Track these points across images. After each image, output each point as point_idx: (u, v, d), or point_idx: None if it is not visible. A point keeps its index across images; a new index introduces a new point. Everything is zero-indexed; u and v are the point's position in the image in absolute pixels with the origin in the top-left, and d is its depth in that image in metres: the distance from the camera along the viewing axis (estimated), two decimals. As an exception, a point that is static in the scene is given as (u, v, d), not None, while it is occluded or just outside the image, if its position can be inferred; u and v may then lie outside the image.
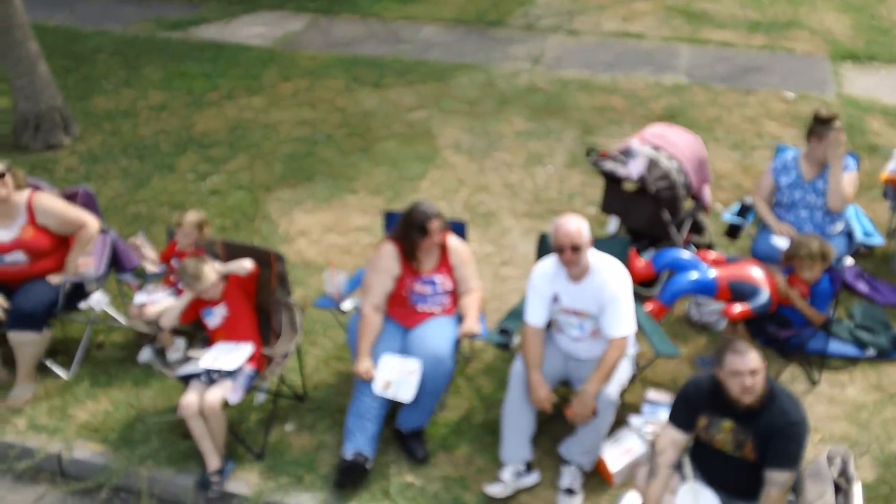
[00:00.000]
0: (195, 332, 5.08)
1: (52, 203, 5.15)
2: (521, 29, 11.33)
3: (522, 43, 10.84)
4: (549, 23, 11.48)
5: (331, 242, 6.63)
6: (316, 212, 7.06)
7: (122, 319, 5.66)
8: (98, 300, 5.38)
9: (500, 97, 9.16)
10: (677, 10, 11.36)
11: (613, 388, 4.27)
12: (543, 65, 10.11)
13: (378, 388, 4.37)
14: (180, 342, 5.19)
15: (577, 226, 4.22)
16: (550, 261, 4.46)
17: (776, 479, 3.54)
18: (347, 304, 5.01)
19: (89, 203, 5.45)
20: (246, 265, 4.68)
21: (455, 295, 4.81)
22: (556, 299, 4.41)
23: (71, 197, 5.42)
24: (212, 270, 4.65)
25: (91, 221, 5.18)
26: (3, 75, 9.50)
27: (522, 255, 6.42)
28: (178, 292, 5.33)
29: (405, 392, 4.36)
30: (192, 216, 5.31)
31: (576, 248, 4.20)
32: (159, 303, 5.19)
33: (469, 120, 8.63)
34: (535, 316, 4.45)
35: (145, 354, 5.41)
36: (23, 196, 5.09)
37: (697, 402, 3.75)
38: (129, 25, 11.67)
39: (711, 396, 3.70)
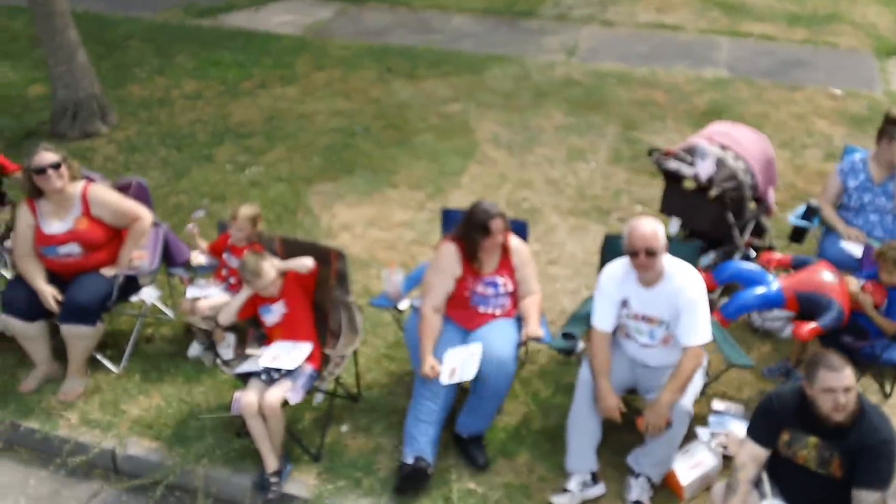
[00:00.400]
0: (245, 327, 5.01)
1: (106, 195, 5.08)
2: (552, 20, 11.22)
3: (555, 34, 10.73)
4: (581, 13, 11.35)
5: (374, 237, 6.56)
6: (357, 206, 6.98)
7: (170, 313, 5.60)
8: (149, 293, 5.33)
9: (536, 90, 9.06)
10: (714, 2, 11.23)
11: (688, 399, 4.19)
12: (578, 57, 10.00)
13: (444, 378, 4.30)
14: (231, 338, 5.11)
15: (652, 228, 4.12)
16: (620, 263, 4.37)
17: (866, 500, 3.43)
18: (404, 304, 4.94)
19: (142, 195, 5.38)
20: (307, 263, 4.61)
21: (515, 297, 4.73)
22: (625, 304, 4.33)
23: (123, 188, 5.36)
24: (271, 267, 4.58)
25: (145, 214, 5.12)
26: (40, 62, 9.47)
27: (570, 253, 6.34)
28: (230, 288, 5.27)
29: (469, 371, 4.28)
30: (246, 210, 5.23)
31: (651, 253, 4.11)
32: (212, 298, 5.12)
33: (506, 113, 8.54)
34: (603, 321, 4.36)
35: (195, 349, 5.36)
36: (77, 187, 5.03)
37: (781, 417, 3.64)
38: (158, 12, 11.59)
39: (797, 411, 3.59)
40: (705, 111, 8.20)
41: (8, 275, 5.43)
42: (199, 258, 5.37)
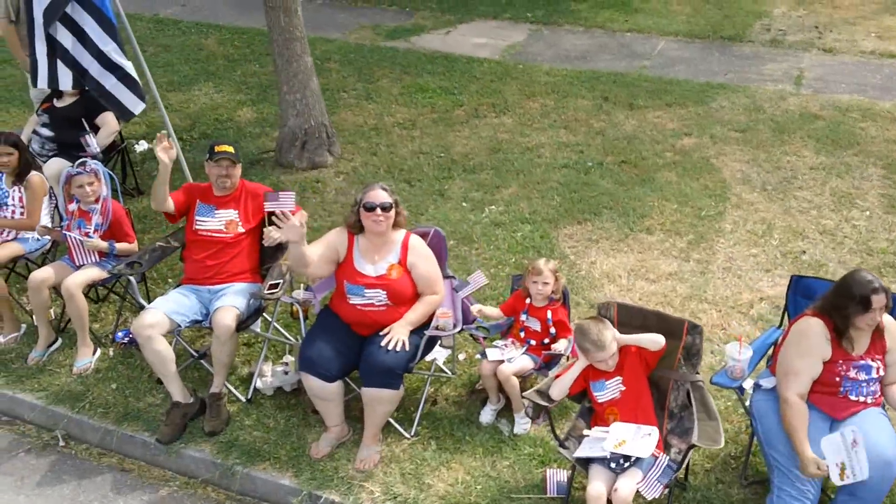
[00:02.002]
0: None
1: (426, 251, 4.74)
2: (766, 45, 10.53)
3: (774, 61, 10.05)
4: (796, 39, 10.62)
5: (643, 290, 6.04)
6: (615, 252, 6.48)
7: (449, 371, 5.21)
8: (440, 353, 4.95)
9: (773, 124, 8.40)
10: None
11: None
12: (807, 87, 9.30)
13: (836, 478, 3.73)
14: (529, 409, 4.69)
15: None
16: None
17: None
18: (748, 383, 4.39)
19: (439, 245, 5.01)
20: (657, 340, 4.11)
21: (882, 382, 4.13)
22: None
23: (420, 237, 4.99)
24: (613, 338, 4.11)
25: (442, 290, 4.82)
26: (241, 83, 9.34)
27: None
28: (531, 350, 4.85)
29: (862, 470, 3.71)
30: (547, 264, 4.80)
31: None
32: (517, 363, 4.70)
33: (748, 150, 7.92)
34: None
35: (488, 415, 4.96)
36: (400, 234, 4.70)
37: None
38: (348, 33, 11.39)
39: None
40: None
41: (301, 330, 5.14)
42: (491, 311, 4.99)
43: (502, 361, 4.78)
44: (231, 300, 4.97)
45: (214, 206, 5.25)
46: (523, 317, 4.93)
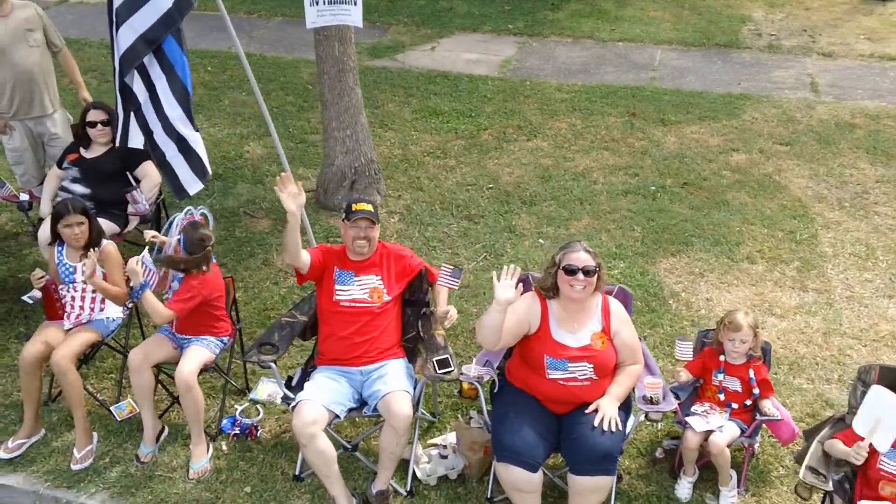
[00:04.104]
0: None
1: (625, 314, 4.14)
2: (763, 51, 10.43)
3: (780, 67, 9.94)
4: (791, 44, 10.56)
5: (776, 327, 5.64)
6: (726, 286, 6.05)
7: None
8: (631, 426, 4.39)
9: (814, 135, 8.23)
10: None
11: None
12: (826, 94, 9.21)
13: None
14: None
15: None
16: None
17: None
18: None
19: (627, 303, 4.42)
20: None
21: None
22: None
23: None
24: None
25: (641, 360, 4.25)
26: (234, 114, 8.45)
27: None
28: (733, 415, 4.35)
29: None
30: (746, 318, 4.31)
31: None
32: (725, 430, 4.20)
33: (804, 164, 7.70)
34: None
35: (685, 489, 4.47)
36: (597, 299, 4.08)
37: None
38: (328, 53, 10.52)
39: None
40: None
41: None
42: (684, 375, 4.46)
43: (711, 431, 4.23)
44: (398, 383, 4.25)
45: (353, 273, 4.50)
46: (720, 377, 4.40)
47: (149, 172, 5.85)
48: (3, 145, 6.34)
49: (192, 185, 4.97)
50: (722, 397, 4.39)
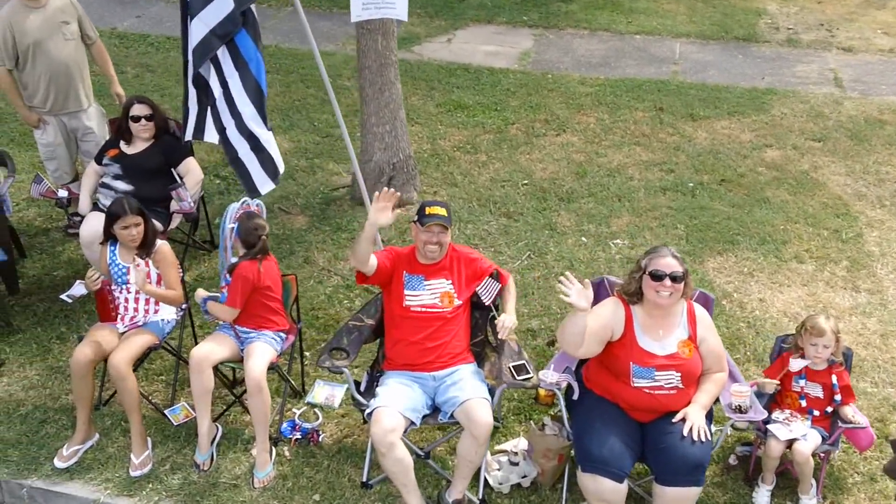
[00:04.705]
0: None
1: (709, 320, 4.06)
2: (783, 45, 10.40)
3: (801, 62, 9.91)
4: (810, 38, 10.53)
5: (843, 331, 5.53)
6: (778, 286, 6.00)
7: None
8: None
9: (845, 131, 8.20)
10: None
11: None
12: (851, 89, 9.19)
13: None
14: None
15: None
16: None
17: None
18: None
19: (709, 308, 4.34)
20: None
21: None
22: None
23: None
24: None
25: (726, 368, 4.19)
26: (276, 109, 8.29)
27: None
28: (815, 422, 4.29)
29: None
30: (828, 322, 4.24)
31: None
32: (809, 438, 4.14)
33: (839, 161, 7.67)
34: None
35: (765, 498, 4.36)
36: (682, 305, 4.00)
37: None
38: (342, 44, 10.40)
39: None
40: None
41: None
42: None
43: (795, 440, 4.16)
44: (476, 389, 4.15)
45: (423, 277, 4.38)
46: (801, 382, 4.33)
47: (192, 169, 5.69)
48: (36, 140, 6.13)
49: (265, 184, 4.81)
50: (804, 403, 4.32)
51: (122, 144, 5.62)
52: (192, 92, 4.71)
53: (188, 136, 4.89)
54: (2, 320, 5.35)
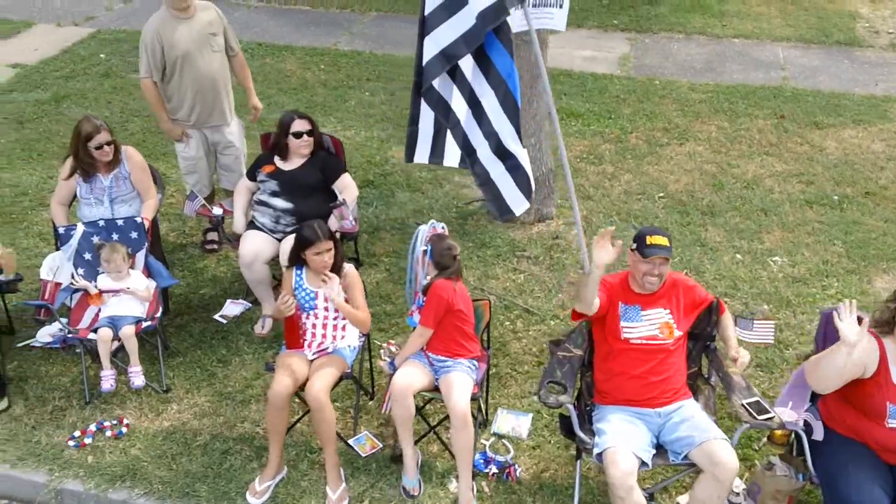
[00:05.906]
0: None
1: None
2: (887, 50, 10.24)
3: (914, 69, 9.57)
4: (916, 43, 10.20)
5: None
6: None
7: None
8: None
9: None
10: None
11: None
12: (972, 97, 8.84)
13: None
14: None
15: None
16: None
17: None
18: None
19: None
20: None
21: None
22: None
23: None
24: None
25: None
26: (378, 117, 7.99)
27: None
28: None
29: None
30: None
31: None
32: None
33: None
34: None
35: None
36: None
37: None
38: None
39: None
40: None
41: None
42: None
43: None
44: (712, 429, 3.89)
45: (640, 307, 4.12)
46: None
47: (348, 185, 5.46)
48: (178, 153, 5.91)
49: (520, 204, 4.54)
50: None
51: (277, 160, 5.38)
52: (429, 115, 4.45)
53: (419, 159, 4.63)
54: (162, 343, 5.12)
